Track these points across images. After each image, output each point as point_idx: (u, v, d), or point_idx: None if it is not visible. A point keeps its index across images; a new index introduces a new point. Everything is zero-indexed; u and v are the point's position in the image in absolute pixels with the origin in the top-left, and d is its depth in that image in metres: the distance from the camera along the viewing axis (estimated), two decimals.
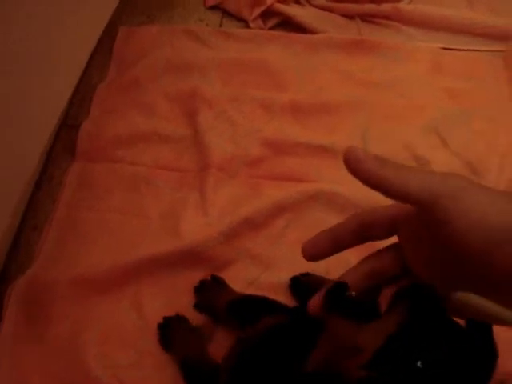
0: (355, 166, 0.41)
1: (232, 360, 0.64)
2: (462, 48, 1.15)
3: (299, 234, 0.87)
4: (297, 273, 0.82)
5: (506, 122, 1.05)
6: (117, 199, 0.92)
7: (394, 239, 0.45)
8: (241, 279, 0.83)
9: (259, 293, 0.81)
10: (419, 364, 0.41)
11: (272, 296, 0.73)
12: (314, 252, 0.48)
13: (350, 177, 0.98)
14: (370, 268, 0.47)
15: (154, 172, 0.94)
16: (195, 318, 0.80)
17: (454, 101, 1.07)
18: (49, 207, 0.93)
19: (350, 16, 1.18)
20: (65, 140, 1.00)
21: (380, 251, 0.47)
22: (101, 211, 0.91)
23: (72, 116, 1.03)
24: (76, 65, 1.04)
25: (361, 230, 0.46)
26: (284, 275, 0.82)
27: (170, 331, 0.80)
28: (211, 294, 0.81)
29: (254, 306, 0.72)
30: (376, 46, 1.13)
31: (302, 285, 0.82)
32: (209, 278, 0.82)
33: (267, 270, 0.84)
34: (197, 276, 0.83)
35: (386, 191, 0.40)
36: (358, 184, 0.96)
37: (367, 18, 1.18)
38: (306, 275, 0.83)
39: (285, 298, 0.80)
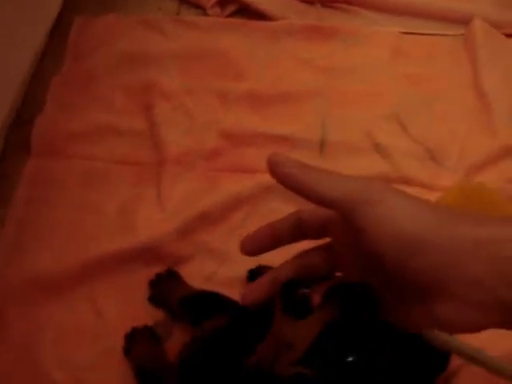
0: (276, 170, 0.41)
1: (183, 360, 0.64)
2: (422, 32, 1.14)
3: (257, 226, 0.86)
4: (254, 266, 0.82)
5: (467, 108, 1.04)
6: (72, 195, 0.90)
7: None
8: (198, 274, 0.83)
9: (217, 287, 0.80)
10: (350, 359, 0.41)
11: (230, 290, 0.73)
12: (252, 247, 0.48)
13: None
14: (303, 263, 0.47)
15: (110, 167, 0.93)
16: (153, 314, 0.80)
17: (415, 86, 1.06)
18: (3, 206, 0.91)
19: (309, 1, 1.16)
20: (19, 136, 0.98)
21: (315, 248, 0.46)
22: (56, 208, 0.89)
23: (26, 111, 1.00)
24: (26, 59, 1.00)
25: (297, 228, 0.46)
26: (241, 269, 0.81)
27: (134, 341, 0.78)
28: (165, 288, 0.80)
29: (206, 302, 0.72)
30: (335, 31, 1.11)
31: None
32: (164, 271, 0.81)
33: (224, 264, 0.83)
34: (154, 272, 0.82)
35: (307, 196, 0.40)
36: None
37: (327, 3, 1.16)
38: (264, 267, 0.82)
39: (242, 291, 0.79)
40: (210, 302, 0.72)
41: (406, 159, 0.96)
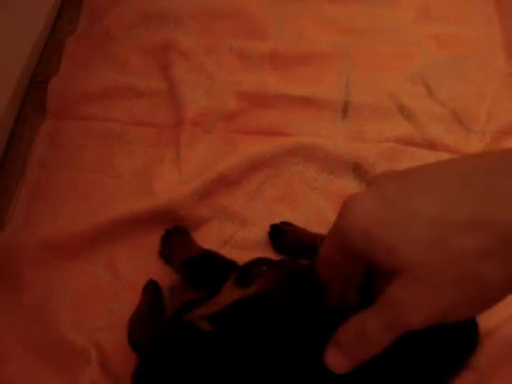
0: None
1: None
2: None
3: (277, 190, 0.85)
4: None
5: (495, 70, 1.00)
6: (89, 158, 0.89)
7: None
8: (216, 237, 0.81)
9: (235, 250, 0.79)
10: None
11: (248, 253, 0.71)
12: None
13: (331, 129, 0.95)
14: None
15: (127, 128, 0.91)
16: (170, 276, 0.78)
17: (442, 47, 1.02)
18: (20, 168, 0.89)
19: None
20: (34, 98, 0.96)
21: None
22: (72, 170, 0.88)
23: (41, 72, 0.99)
24: (40, 19, 0.98)
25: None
26: (260, 231, 0.80)
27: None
28: (173, 244, 0.80)
29: (207, 265, 0.72)
30: None
31: (280, 235, 0.80)
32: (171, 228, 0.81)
33: (243, 228, 0.81)
34: None
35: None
36: (339, 136, 0.93)
37: None
38: (287, 224, 0.81)
39: (261, 254, 0.77)
40: (210, 265, 0.72)
41: (432, 122, 0.93)
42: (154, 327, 0.71)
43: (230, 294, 0.50)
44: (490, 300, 0.34)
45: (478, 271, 0.32)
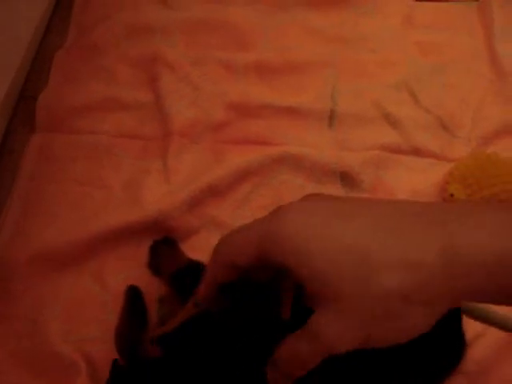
0: None
1: None
2: None
3: (265, 199, 0.85)
4: None
5: (480, 76, 1.01)
6: (78, 170, 0.89)
7: None
8: (206, 247, 0.80)
9: None
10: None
11: None
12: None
13: (317, 138, 0.96)
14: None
15: (115, 141, 0.91)
16: (160, 288, 0.79)
17: (427, 55, 1.03)
18: (10, 182, 0.90)
19: None
20: (24, 112, 0.97)
21: None
22: (62, 183, 0.88)
23: (31, 86, 1.00)
24: (29, 32, 0.99)
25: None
26: None
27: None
28: (160, 255, 0.80)
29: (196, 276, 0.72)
30: (346, 0, 1.08)
31: None
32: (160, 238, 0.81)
33: None
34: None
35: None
36: (326, 145, 0.94)
37: None
38: None
39: None
40: (199, 276, 0.72)
41: (418, 129, 0.94)
42: (136, 341, 0.72)
43: (185, 311, 0.49)
44: (410, 334, 0.36)
45: (401, 310, 0.35)
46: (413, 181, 0.89)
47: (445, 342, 0.70)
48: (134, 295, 0.78)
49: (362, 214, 0.38)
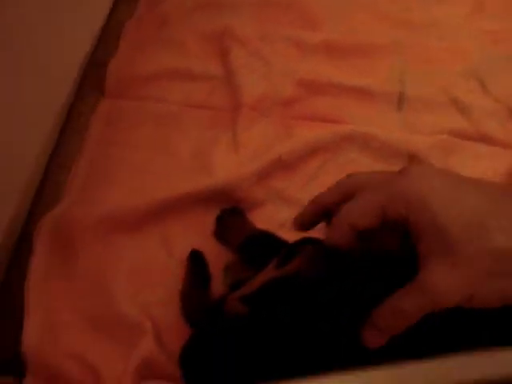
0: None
1: None
2: None
3: (332, 176, 0.83)
4: None
5: None
6: (145, 137, 0.90)
7: None
8: (272, 220, 0.81)
9: (291, 233, 0.79)
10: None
11: (303, 236, 0.71)
12: (302, 224, 0.54)
13: (385, 119, 0.95)
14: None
15: (183, 110, 0.92)
16: (226, 256, 0.79)
17: (497, 44, 1.02)
18: (77, 145, 0.91)
19: None
20: (93, 78, 0.98)
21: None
22: (129, 149, 0.89)
23: (100, 54, 1.01)
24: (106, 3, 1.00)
25: (344, 201, 0.46)
26: None
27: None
28: (229, 225, 0.80)
29: (265, 246, 0.72)
30: None
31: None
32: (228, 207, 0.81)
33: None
34: None
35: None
36: (393, 127, 0.93)
37: None
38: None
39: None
40: (267, 245, 0.72)
41: (486, 117, 0.92)
42: (204, 304, 0.72)
43: (267, 273, 0.50)
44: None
45: (507, 269, 0.37)
46: (480, 168, 0.88)
47: None
48: (196, 260, 0.78)
49: (478, 184, 0.41)
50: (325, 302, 0.45)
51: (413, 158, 0.87)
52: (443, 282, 0.38)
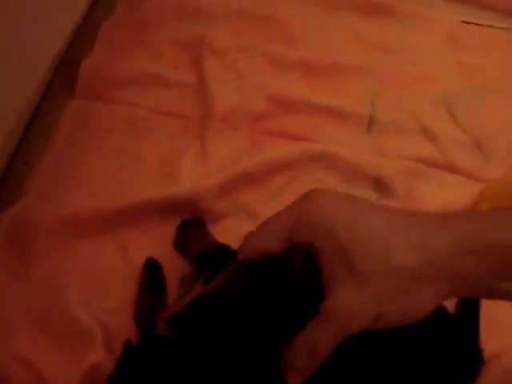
0: None
1: None
2: (482, 23, 1.10)
3: (297, 193, 0.85)
4: None
5: None
6: (114, 141, 0.89)
7: None
8: (234, 233, 0.80)
9: None
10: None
11: None
12: None
13: (355, 141, 0.96)
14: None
15: (154, 117, 0.91)
16: (183, 267, 0.78)
17: (468, 76, 1.03)
18: (42, 143, 0.89)
19: None
20: (64, 77, 0.96)
21: None
22: (96, 152, 0.88)
23: (74, 53, 0.99)
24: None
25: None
26: None
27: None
28: (189, 236, 0.80)
29: (221, 259, 0.71)
30: (393, 10, 1.08)
31: None
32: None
33: None
34: None
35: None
36: (362, 149, 0.94)
37: None
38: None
39: None
40: (225, 259, 0.71)
41: (453, 146, 0.94)
42: (155, 314, 0.71)
43: (196, 290, 0.49)
44: (417, 313, 0.39)
45: (412, 286, 0.38)
46: (444, 196, 0.89)
47: (461, 357, 0.69)
48: (151, 268, 0.78)
49: (382, 208, 0.42)
50: (243, 317, 0.44)
51: (379, 182, 0.88)
52: (352, 302, 0.38)
